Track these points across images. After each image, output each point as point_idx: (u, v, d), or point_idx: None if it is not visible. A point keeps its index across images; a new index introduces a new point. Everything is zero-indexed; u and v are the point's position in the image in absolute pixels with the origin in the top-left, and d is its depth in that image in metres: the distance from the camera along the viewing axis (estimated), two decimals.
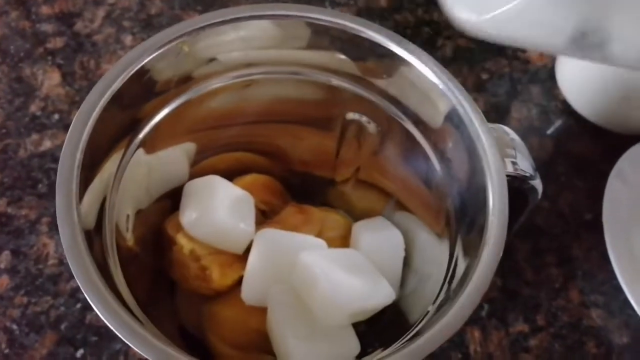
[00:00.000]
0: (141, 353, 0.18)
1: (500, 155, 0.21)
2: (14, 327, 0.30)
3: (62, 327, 0.30)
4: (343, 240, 0.29)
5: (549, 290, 0.33)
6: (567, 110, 0.40)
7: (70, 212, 0.19)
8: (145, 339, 0.18)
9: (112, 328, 0.18)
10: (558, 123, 0.40)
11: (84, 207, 0.20)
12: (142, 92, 0.24)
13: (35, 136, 0.36)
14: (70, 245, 0.19)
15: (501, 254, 0.20)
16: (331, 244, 0.27)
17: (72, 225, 0.19)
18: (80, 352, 0.30)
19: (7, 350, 0.29)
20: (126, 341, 0.18)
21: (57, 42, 0.40)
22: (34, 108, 0.37)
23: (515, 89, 0.41)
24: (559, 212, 0.36)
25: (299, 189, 0.31)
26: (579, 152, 0.38)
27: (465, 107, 0.22)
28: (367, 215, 0.30)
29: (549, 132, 0.39)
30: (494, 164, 0.21)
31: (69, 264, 0.19)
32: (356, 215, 0.31)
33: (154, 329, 0.21)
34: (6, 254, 0.32)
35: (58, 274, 0.32)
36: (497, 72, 0.42)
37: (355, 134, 0.28)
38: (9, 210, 0.33)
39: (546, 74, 0.42)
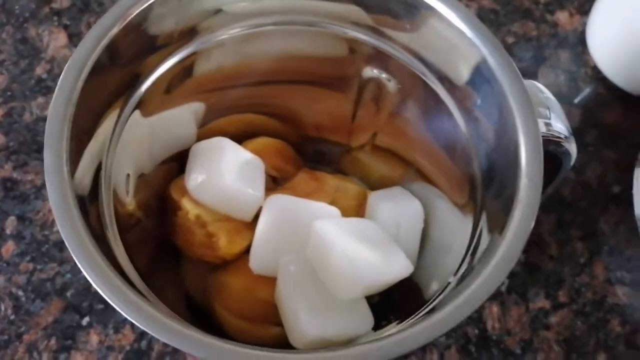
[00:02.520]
0: (141, 327, 0.17)
1: (535, 112, 0.19)
2: (20, 293, 0.30)
3: (68, 294, 0.30)
4: (357, 210, 0.27)
5: (573, 265, 0.32)
6: (597, 77, 0.38)
7: (61, 172, 0.18)
8: (145, 312, 0.17)
9: (109, 300, 0.17)
10: (587, 90, 0.38)
11: (78, 171, 0.19)
12: (141, 43, 0.22)
13: (40, 99, 0.35)
14: (61, 213, 0.18)
15: (533, 222, 0.18)
16: (345, 213, 0.26)
17: (63, 190, 0.18)
18: (85, 320, 0.29)
19: (12, 317, 0.29)
20: (126, 315, 0.17)
21: (63, 2, 0.39)
22: (39, 70, 0.36)
23: (543, 54, 0.39)
24: (586, 183, 0.35)
25: (312, 155, 0.30)
26: (609, 121, 0.37)
27: (496, 58, 0.20)
28: (383, 183, 0.29)
29: (577, 100, 0.38)
30: (527, 121, 0.19)
31: (60, 232, 0.18)
32: (372, 183, 0.30)
33: (156, 300, 0.20)
34: (12, 219, 0.32)
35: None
36: (524, 35, 0.39)
37: (374, 94, 0.27)
38: (15, 175, 0.33)
39: (576, 39, 0.39)
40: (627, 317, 0.31)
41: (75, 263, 0.30)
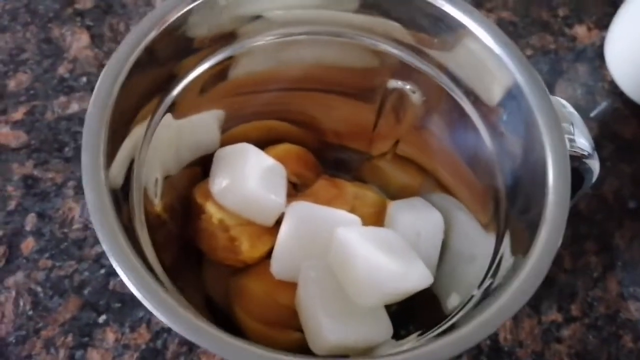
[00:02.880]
0: (166, 322, 0.17)
1: (563, 130, 0.20)
2: (39, 289, 0.30)
3: (86, 292, 0.30)
4: (376, 218, 0.28)
5: (587, 279, 0.32)
6: (614, 91, 0.38)
7: (97, 171, 0.18)
8: (172, 308, 0.17)
9: (136, 294, 0.18)
10: (604, 105, 0.38)
11: (112, 169, 0.19)
12: (175, 47, 0.22)
13: (62, 98, 0.36)
14: (96, 206, 0.18)
15: (560, 242, 0.18)
16: (364, 220, 0.26)
17: (99, 184, 0.18)
18: (102, 318, 0.30)
19: (30, 312, 0.30)
20: (152, 309, 0.17)
21: (87, 3, 0.39)
22: (62, 70, 0.37)
23: (561, 67, 0.39)
24: (602, 198, 0.35)
25: (331, 162, 0.30)
26: (625, 136, 0.37)
27: (524, 74, 0.21)
28: (402, 192, 0.29)
29: (594, 113, 0.38)
30: (555, 139, 0.19)
31: (94, 225, 0.18)
32: (391, 192, 0.30)
33: (181, 298, 0.20)
34: (32, 216, 0.32)
35: (83, 238, 0.32)
36: (542, 48, 0.40)
37: (396, 104, 0.27)
38: (35, 172, 0.33)
39: (594, 53, 0.40)
40: None
41: (93, 261, 0.31)
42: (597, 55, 0.39)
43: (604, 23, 0.40)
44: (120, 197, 0.20)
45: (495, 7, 0.41)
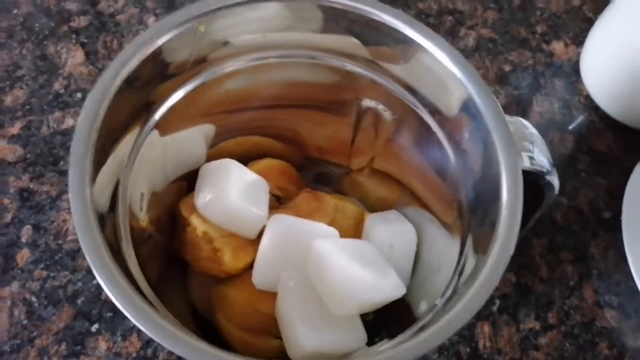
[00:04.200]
0: (149, 334, 0.18)
1: (516, 148, 0.21)
2: (33, 299, 0.31)
3: (79, 301, 0.31)
4: (355, 229, 0.29)
5: (563, 288, 0.33)
6: (590, 105, 0.39)
7: (83, 192, 0.19)
8: (153, 321, 0.18)
9: (120, 308, 0.19)
10: (580, 118, 0.39)
11: (97, 188, 0.20)
12: (157, 72, 0.24)
13: (58, 114, 0.37)
14: (82, 225, 0.19)
15: (512, 250, 0.19)
16: (343, 232, 0.27)
17: (84, 205, 0.19)
18: (95, 327, 0.30)
19: (25, 321, 0.30)
20: (135, 322, 0.18)
21: (81, 21, 0.40)
22: (57, 86, 0.38)
23: (538, 82, 0.40)
24: (578, 209, 0.36)
25: (313, 175, 0.31)
26: (600, 149, 0.38)
27: (482, 97, 0.22)
28: (380, 204, 0.30)
29: (570, 127, 0.39)
30: (509, 156, 0.21)
31: (80, 243, 0.19)
32: (369, 204, 0.31)
33: (164, 310, 0.21)
34: (27, 228, 0.33)
35: (76, 249, 0.32)
36: (520, 64, 0.41)
37: (372, 122, 0.28)
38: (31, 185, 0.34)
39: (570, 68, 0.41)
40: (615, 340, 0.32)
41: (86, 272, 0.32)
42: (574, 71, 0.40)
43: (580, 39, 0.41)
44: (106, 214, 0.21)
45: (475, 24, 0.42)
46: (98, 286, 0.31)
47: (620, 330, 0.32)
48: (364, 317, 0.25)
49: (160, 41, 0.23)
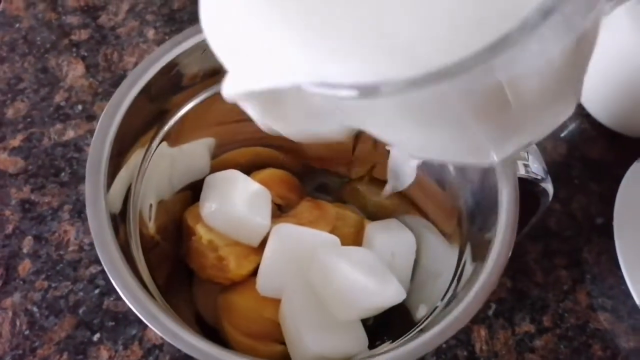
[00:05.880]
0: (161, 335, 0.19)
1: (512, 158, 0.22)
2: (35, 309, 0.31)
3: (80, 311, 0.31)
4: (355, 236, 0.29)
5: (557, 292, 0.34)
6: (581, 113, 0.40)
7: (99, 198, 0.20)
8: (165, 322, 0.19)
9: (133, 309, 0.19)
10: (572, 126, 0.40)
11: (111, 194, 0.21)
12: (169, 85, 0.24)
13: (59, 126, 0.37)
14: (97, 230, 0.20)
15: (509, 254, 0.20)
16: (344, 239, 0.28)
17: (99, 210, 0.20)
18: (96, 336, 0.31)
19: (27, 332, 0.30)
20: (148, 323, 0.19)
21: (82, 34, 0.41)
22: (58, 98, 0.38)
23: None
24: (571, 215, 0.36)
25: (314, 185, 0.32)
26: (593, 155, 0.38)
27: None
28: (379, 212, 0.30)
29: (563, 135, 0.39)
30: (505, 165, 0.21)
31: (96, 247, 0.20)
32: (369, 212, 0.31)
33: (173, 313, 0.21)
34: (29, 239, 0.33)
35: (78, 260, 0.33)
36: None
37: None
38: (33, 197, 0.34)
39: None
40: (608, 342, 0.32)
41: (87, 281, 0.32)
42: None
43: None
44: (119, 220, 0.22)
45: None
46: (99, 296, 0.32)
47: (613, 332, 0.32)
48: (364, 321, 0.26)
49: (174, 56, 0.23)
